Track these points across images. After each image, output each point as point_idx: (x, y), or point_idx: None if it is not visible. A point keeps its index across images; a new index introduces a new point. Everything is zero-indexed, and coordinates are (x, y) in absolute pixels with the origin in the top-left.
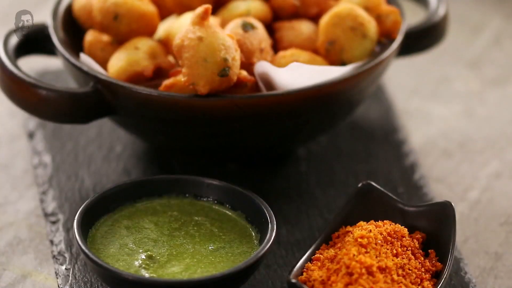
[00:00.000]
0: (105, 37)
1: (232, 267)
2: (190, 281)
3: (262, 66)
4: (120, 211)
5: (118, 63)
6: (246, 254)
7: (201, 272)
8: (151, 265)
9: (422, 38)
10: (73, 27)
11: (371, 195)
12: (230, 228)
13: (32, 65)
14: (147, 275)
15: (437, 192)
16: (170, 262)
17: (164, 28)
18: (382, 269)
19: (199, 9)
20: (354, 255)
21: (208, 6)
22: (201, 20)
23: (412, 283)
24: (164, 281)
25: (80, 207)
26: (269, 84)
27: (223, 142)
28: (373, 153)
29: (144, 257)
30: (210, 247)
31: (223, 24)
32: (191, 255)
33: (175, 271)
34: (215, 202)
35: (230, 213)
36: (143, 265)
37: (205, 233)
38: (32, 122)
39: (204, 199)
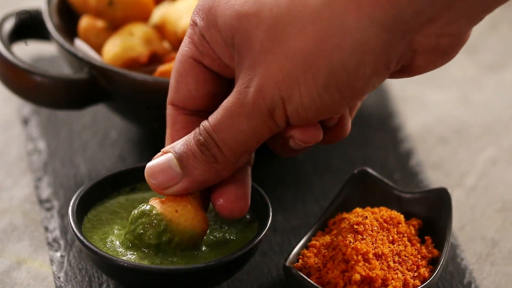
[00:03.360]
0: (100, 23)
1: (228, 255)
2: (186, 268)
3: None
4: (115, 197)
5: (113, 49)
6: (242, 241)
7: (198, 258)
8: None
9: None
10: (68, 13)
11: (367, 181)
12: None
13: (27, 51)
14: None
15: (434, 178)
16: None
17: (159, 13)
18: (378, 256)
19: None
20: (350, 242)
21: None
22: None
23: (409, 270)
24: (159, 269)
25: (75, 194)
26: None
27: None
28: (369, 140)
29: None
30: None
31: None
32: None
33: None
34: None
35: None
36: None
37: None
38: (27, 108)
39: None
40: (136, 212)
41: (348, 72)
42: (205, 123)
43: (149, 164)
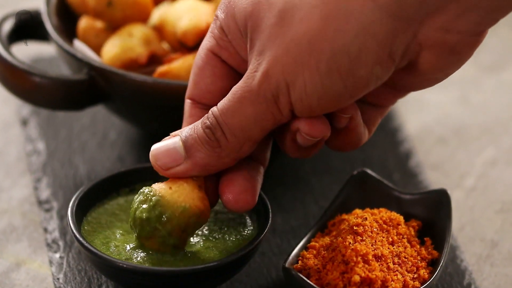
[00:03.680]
0: (99, 24)
1: (227, 256)
2: (185, 270)
3: None
4: (114, 198)
5: (112, 50)
6: (241, 242)
7: (197, 260)
8: (147, 253)
9: None
10: (67, 13)
11: (366, 182)
12: (226, 215)
13: (26, 52)
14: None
15: (433, 179)
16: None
17: (158, 14)
18: (377, 257)
19: None
20: (349, 243)
21: None
22: None
23: (408, 271)
24: (158, 270)
25: (74, 195)
26: None
27: None
28: (369, 140)
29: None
30: (204, 235)
31: None
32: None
33: (171, 258)
34: None
35: None
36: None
37: None
38: (26, 109)
39: None
40: (136, 194)
41: (350, 57)
42: (213, 108)
43: (155, 145)
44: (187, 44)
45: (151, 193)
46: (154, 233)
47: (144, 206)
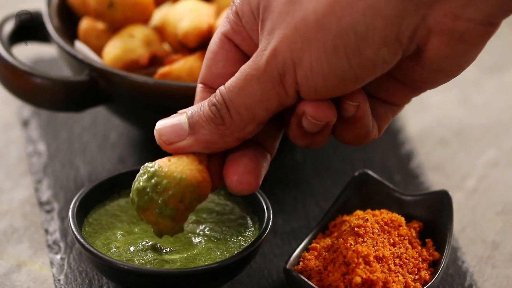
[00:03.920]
0: (100, 25)
1: (228, 257)
2: (186, 271)
3: None
4: (115, 199)
5: (113, 51)
6: (242, 244)
7: (198, 261)
8: (149, 254)
9: None
10: (68, 15)
11: (367, 184)
12: (227, 216)
13: (27, 53)
14: (143, 264)
15: (434, 180)
16: (166, 251)
17: (159, 15)
18: (379, 259)
19: None
20: (350, 244)
21: None
22: None
23: (409, 273)
24: (159, 271)
25: (75, 196)
26: None
27: None
28: (370, 142)
29: (141, 246)
30: (205, 236)
31: (219, 12)
32: (187, 244)
33: (172, 259)
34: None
35: (227, 202)
36: (140, 254)
37: (203, 222)
38: (27, 110)
39: None
40: None
41: (357, 35)
42: (221, 87)
43: (161, 120)
44: (188, 45)
45: (150, 166)
46: (150, 203)
47: (142, 177)
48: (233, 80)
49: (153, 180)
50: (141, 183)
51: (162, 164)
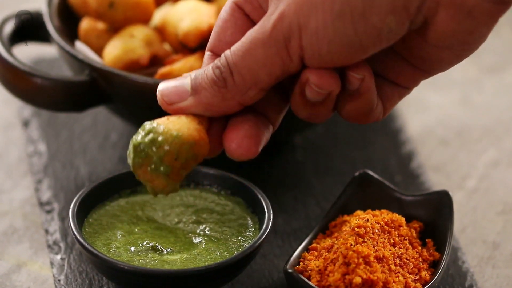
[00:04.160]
0: (101, 25)
1: (229, 257)
2: (186, 271)
3: None
4: (116, 200)
5: (114, 51)
6: (242, 244)
7: (198, 261)
8: (149, 255)
9: None
10: (68, 15)
11: (368, 184)
12: (227, 217)
13: (27, 53)
14: (143, 264)
15: (435, 180)
16: (166, 251)
17: (160, 15)
18: (379, 259)
19: None
20: (351, 244)
21: None
22: None
23: (410, 273)
24: (159, 271)
25: (75, 196)
26: None
27: None
28: (370, 141)
29: (141, 246)
30: (206, 236)
31: (219, 11)
32: (188, 244)
33: (172, 260)
34: (212, 191)
35: (227, 202)
36: (140, 254)
37: (203, 222)
38: (27, 110)
39: (201, 188)
40: None
41: (364, 1)
42: (226, 51)
43: (164, 81)
44: (188, 45)
45: (148, 123)
46: (146, 159)
47: (140, 134)
48: (238, 44)
49: (149, 136)
50: (138, 139)
51: (160, 122)
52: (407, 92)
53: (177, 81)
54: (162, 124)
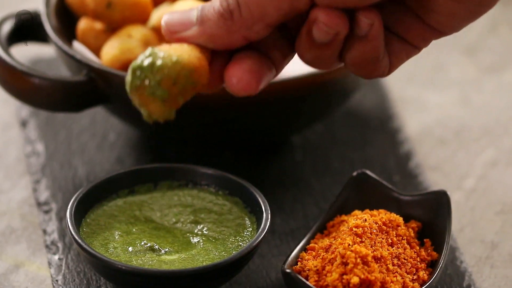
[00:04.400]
0: (98, 25)
1: (226, 257)
2: (184, 271)
3: None
4: (113, 200)
5: (112, 51)
6: (240, 244)
7: (196, 261)
8: (147, 255)
9: None
10: (66, 15)
11: (366, 183)
12: (225, 217)
13: (25, 53)
14: (141, 264)
15: (433, 180)
16: (164, 251)
17: (157, 15)
18: (377, 259)
19: None
20: (349, 244)
21: None
22: None
23: (408, 273)
24: (157, 271)
25: (73, 196)
26: None
27: (216, 130)
28: (369, 141)
29: (139, 247)
30: (204, 236)
31: None
32: (186, 244)
33: (170, 260)
34: (210, 191)
35: (225, 202)
36: (138, 255)
37: (201, 222)
38: (25, 110)
39: (199, 188)
40: None
41: None
42: None
43: (170, 12)
44: None
45: (150, 48)
46: (143, 82)
47: (140, 57)
48: None
49: (148, 60)
50: (137, 63)
51: (161, 47)
52: (415, 52)
53: (184, 12)
54: (162, 49)
